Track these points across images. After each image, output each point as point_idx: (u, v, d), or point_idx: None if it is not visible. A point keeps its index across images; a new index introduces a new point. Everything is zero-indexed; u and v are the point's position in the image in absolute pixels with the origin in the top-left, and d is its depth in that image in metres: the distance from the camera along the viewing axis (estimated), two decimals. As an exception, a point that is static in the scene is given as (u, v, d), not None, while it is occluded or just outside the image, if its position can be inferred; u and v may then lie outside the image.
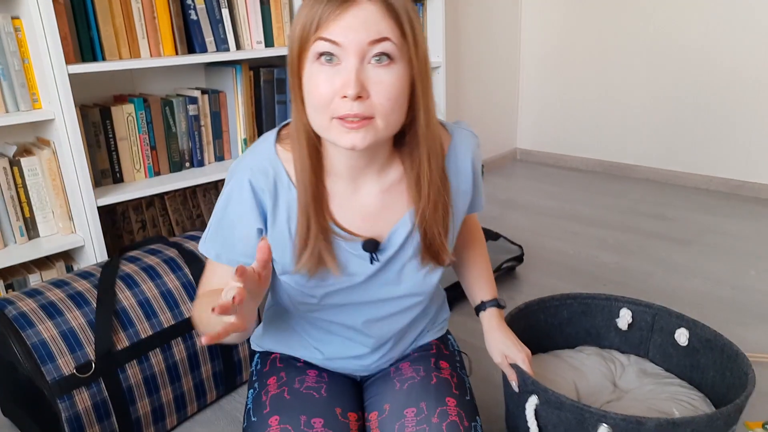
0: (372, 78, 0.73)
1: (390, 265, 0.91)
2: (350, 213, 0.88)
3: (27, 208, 1.61)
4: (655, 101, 3.11)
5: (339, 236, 0.87)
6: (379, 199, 0.88)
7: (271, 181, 0.85)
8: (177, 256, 1.43)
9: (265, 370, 1.03)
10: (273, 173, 0.85)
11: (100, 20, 1.64)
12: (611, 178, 3.28)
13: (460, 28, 3.10)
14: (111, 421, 1.25)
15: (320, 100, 0.74)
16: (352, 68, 0.72)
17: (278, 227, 0.87)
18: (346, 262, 0.89)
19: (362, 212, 0.88)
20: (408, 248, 0.91)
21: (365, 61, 0.73)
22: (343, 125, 0.74)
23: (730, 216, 2.65)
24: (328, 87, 0.73)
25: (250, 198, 0.85)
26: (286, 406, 0.93)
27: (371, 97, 0.74)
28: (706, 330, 1.23)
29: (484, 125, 3.46)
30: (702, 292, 1.99)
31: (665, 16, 2.96)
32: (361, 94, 0.73)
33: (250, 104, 2.02)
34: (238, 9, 1.91)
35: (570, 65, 3.38)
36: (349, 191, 0.87)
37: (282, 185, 0.85)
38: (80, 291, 1.29)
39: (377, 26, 0.72)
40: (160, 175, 1.88)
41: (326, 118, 0.75)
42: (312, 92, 0.75)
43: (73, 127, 1.54)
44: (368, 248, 0.88)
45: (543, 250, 2.37)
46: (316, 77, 0.75)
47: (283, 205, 0.86)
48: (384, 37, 0.72)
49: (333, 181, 0.87)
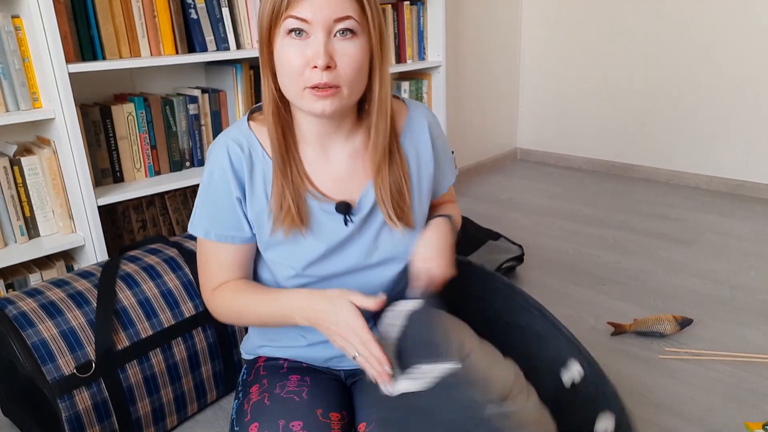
0: (338, 50, 0.82)
1: (364, 229, 0.96)
2: (322, 177, 0.95)
3: (27, 208, 1.61)
4: (655, 101, 3.11)
5: (313, 195, 0.93)
6: (347, 164, 0.95)
7: (246, 153, 0.92)
8: (177, 256, 1.43)
9: (249, 380, 1.04)
10: (247, 145, 0.93)
11: (100, 19, 1.63)
12: (611, 178, 3.28)
13: (460, 28, 3.10)
14: (111, 421, 1.25)
15: (292, 70, 0.83)
16: (320, 41, 0.81)
17: (256, 196, 0.93)
18: (321, 225, 0.94)
19: (333, 176, 0.95)
20: (378, 212, 0.96)
21: (331, 34, 0.82)
22: (314, 94, 0.83)
23: (730, 215, 2.65)
24: (299, 58, 0.82)
25: (229, 170, 0.92)
26: (266, 411, 0.93)
27: (338, 67, 0.82)
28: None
29: (484, 125, 3.46)
30: (702, 291, 1.99)
31: (665, 15, 2.96)
32: (330, 64, 0.81)
33: (251, 103, 2.01)
34: (239, 8, 1.90)
35: (570, 65, 3.37)
36: (318, 156, 0.94)
37: (257, 156, 0.93)
38: (80, 290, 1.28)
39: (341, 5, 0.81)
40: (161, 175, 1.88)
41: (299, 87, 0.83)
42: (284, 64, 0.83)
43: (73, 126, 1.54)
44: (341, 209, 0.93)
45: (543, 249, 2.37)
46: (287, 50, 0.83)
47: (259, 174, 0.93)
48: (347, 15, 0.81)
49: (303, 148, 0.94)
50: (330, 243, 0.94)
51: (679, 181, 3.12)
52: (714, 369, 1.58)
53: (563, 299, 1.97)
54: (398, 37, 2.51)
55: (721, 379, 1.54)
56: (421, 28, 2.60)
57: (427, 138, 1.00)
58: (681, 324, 1.71)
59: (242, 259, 0.98)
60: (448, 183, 1.09)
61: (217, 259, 0.97)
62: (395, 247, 0.97)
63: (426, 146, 1.00)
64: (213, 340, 1.42)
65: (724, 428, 1.36)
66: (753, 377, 1.54)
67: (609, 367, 1.60)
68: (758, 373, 1.55)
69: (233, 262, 0.97)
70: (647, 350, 1.67)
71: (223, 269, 0.98)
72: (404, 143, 0.97)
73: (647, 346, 1.69)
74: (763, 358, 1.61)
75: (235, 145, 0.92)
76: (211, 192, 0.94)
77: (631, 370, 1.59)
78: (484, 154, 3.52)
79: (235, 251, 0.97)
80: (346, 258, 0.96)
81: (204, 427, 1.43)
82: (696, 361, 1.62)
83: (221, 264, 0.97)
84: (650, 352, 1.66)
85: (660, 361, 1.62)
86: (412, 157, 0.98)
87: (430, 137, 1.00)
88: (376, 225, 0.96)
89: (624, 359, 1.64)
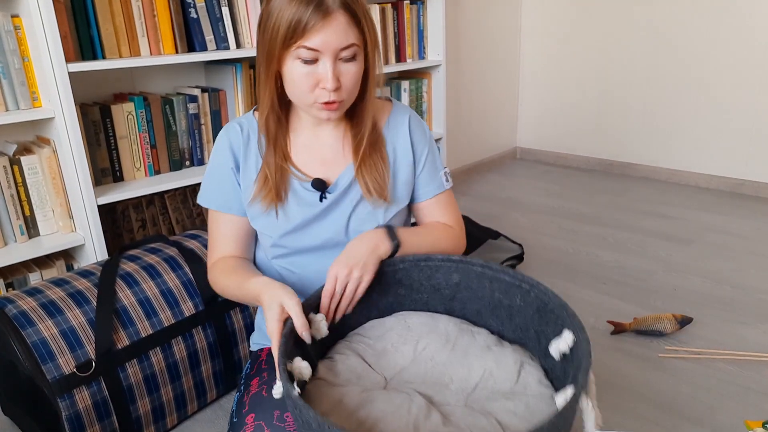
0: (342, 71, 0.94)
1: (340, 206, 1.05)
2: (312, 158, 1.06)
3: (27, 207, 1.61)
4: (654, 99, 3.11)
5: (295, 175, 1.04)
6: (333, 147, 1.06)
7: (245, 132, 1.06)
8: (177, 255, 1.43)
9: (251, 373, 1.08)
10: (247, 126, 1.07)
11: (100, 18, 1.63)
12: (611, 177, 3.28)
13: (460, 28, 3.10)
14: (111, 420, 1.25)
15: (303, 89, 0.94)
16: (329, 68, 0.92)
17: (248, 170, 1.06)
18: (300, 200, 1.04)
19: (321, 156, 1.06)
20: (354, 190, 1.05)
21: (337, 59, 0.93)
22: (323, 108, 0.96)
23: (730, 215, 2.65)
24: (310, 80, 0.93)
25: (227, 145, 1.06)
26: (262, 403, 0.96)
27: (342, 86, 0.94)
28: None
29: (484, 124, 3.46)
30: (702, 291, 1.99)
31: (665, 15, 2.96)
32: (338, 86, 0.93)
33: (250, 103, 2.01)
34: (238, 7, 1.90)
35: (570, 64, 3.37)
36: (311, 140, 1.06)
37: (254, 136, 1.06)
38: (80, 290, 1.29)
39: (346, 35, 0.91)
40: (160, 174, 1.88)
41: (309, 101, 0.96)
42: (296, 83, 0.94)
43: (73, 125, 1.54)
44: (317, 186, 1.04)
45: (543, 248, 2.37)
46: (298, 72, 0.93)
47: (253, 152, 1.06)
48: (351, 43, 0.92)
49: (297, 135, 1.06)
50: (305, 216, 1.04)
51: (679, 180, 3.12)
52: (714, 367, 1.58)
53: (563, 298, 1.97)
54: (398, 36, 2.51)
55: (721, 378, 1.54)
56: (421, 27, 2.60)
57: (406, 130, 1.09)
58: (681, 323, 1.71)
59: (238, 234, 1.09)
60: (430, 190, 1.11)
61: (218, 229, 1.09)
62: (368, 225, 1.04)
63: (404, 138, 1.09)
64: (213, 339, 1.42)
65: (724, 427, 1.36)
66: (753, 375, 1.54)
67: (609, 366, 1.60)
68: (758, 372, 1.55)
69: (230, 235, 1.08)
70: (647, 349, 1.67)
71: (222, 241, 1.09)
72: (385, 134, 1.08)
73: (647, 345, 1.69)
74: (763, 356, 1.61)
75: (236, 125, 1.07)
76: (213, 165, 1.08)
77: (631, 368, 1.59)
78: (483, 153, 3.52)
79: (232, 223, 1.08)
80: (321, 232, 1.05)
81: (204, 426, 1.43)
82: (696, 359, 1.62)
83: (220, 235, 1.09)
84: (650, 351, 1.66)
85: (660, 360, 1.62)
86: (390, 145, 1.08)
87: (409, 129, 1.09)
88: (351, 202, 1.05)
89: (624, 358, 1.64)
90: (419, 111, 2.69)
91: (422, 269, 1.02)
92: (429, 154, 1.11)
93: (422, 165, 1.10)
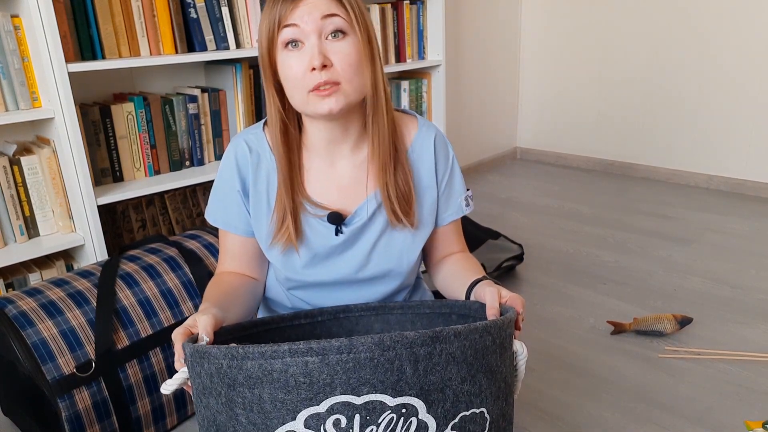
0: (331, 50, 0.88)
1: (358, 241, 1.00)
2: (326, 186, 1.00)
3: (27, 207, 1.61)
4: (654, 99, 3.11)
5: (309, 213, 0.99)
6: (352, 174, 1.00)
7: (254, 152, 1.00)
8: (177, 255, 1.43)
9: None
10: (257, 145, 1.00)
11: (99, 18, 1.63)
12: (611, 177, 3.28)
13: (460, 28, 3.10)
14: (111, 421, 1.25)
15: (295, 77, 0.89)
16: (314, 44, 0.87)
17: (258, 196, 1.00)
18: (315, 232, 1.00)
19: (338, 185, 1.00)
20: (376, 222, 1.00)
21: (323, 36, 0.87)
22: (317, 95, 0.88)
23: (730, 215, 2.65)
24: (299, 65, 0.88)
25: (234, 166, 1.00)
26: None
27: (334, 66, 0.88)
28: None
29: (484, 125, 3.46)
30: (702, 291, 1.99)
31: (665, 15, 2.96)
32: (325, 62, 0.87)
33: (250, 103, 2.02)
34: (238, 7, 1.90)
35: (570, 64, 3.37)
36: (325, 165, 1.00)
37: (264, 156, 1.00)
38: (80, 290, 1.29)
39: (327, 6, 0.87)
40: (160, 174, 1.88)
41: (304, 92, 0.89)
42: (287, 73, 0.90)
43: (72, 125, 1.54)
44: (332, 220, 0.98)
45: (543, 249, 2.37)
46: (288, 62, 0.89)
47: (263, 173, 1.00)
48: (333, 12, 0.87)
49: (310, 158, 1.00)
50: (318, 251, 0.99)
51: (679, 180, 3.12)
52: (714, 368, 1.58)
53: (563, 298, 1.97)
54: (398, 36, 2.51)
55: (721, 378, 1.54)
56: (421, 27, 2.60)
57: (431, 151, 1.03)
58: (681, 323, 1.71)
59: (242, 253, 1.06)
60: (448, 216, 1.07)
61: (223, 245, 1.07)
62: (390, 262, 1.00)
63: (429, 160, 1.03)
64: (213, 340, 1.42)
65: (724, 427, 1.36)
66: (753, 376, 1.54)
67: (609, 366, 1.60)
68: (758, 372, 1.55)
69: (235, 253, 1.06)
70: (647, 349, 1.67)
71: (227, 257, 1.07)
72: (411, 156, 1.02)
73: (647, 345, 1.69)
74: (763, 356, 1.61)
75: (245, 144, 1.00)
76: (219, 182, 1.04)
77: (631, 369, 1.59)
78: (483, 153, 3.52)
79: (237, 243, 1.05)
80: (336, 268, 1.00)
81: (204, 426, 1.43)
82: (696, 359, 1.62)
83: (226, 251, 1.07)
84: (650, 351, 1.66)
85: (660, 360, 1.62)
86: (415, 168, 1.02)
87: (434, 150, 1.03)
88: (372, 236, 1.00)
89: (624, 358, 1.64)
90: (419, 111, 2.69)
91: (341, 322, 1.00)
92: (449, 176, 1.05)
93: (442, 188, 1.05)
